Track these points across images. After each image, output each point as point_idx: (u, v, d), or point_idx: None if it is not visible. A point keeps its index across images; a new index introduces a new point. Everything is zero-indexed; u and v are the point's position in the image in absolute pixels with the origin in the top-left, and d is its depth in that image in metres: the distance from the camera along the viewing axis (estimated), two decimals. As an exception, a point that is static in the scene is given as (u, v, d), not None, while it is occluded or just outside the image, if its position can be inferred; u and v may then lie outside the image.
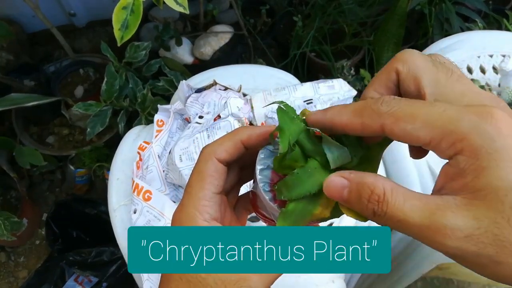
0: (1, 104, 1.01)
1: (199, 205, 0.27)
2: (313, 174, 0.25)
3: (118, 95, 1.09)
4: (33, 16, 1.38)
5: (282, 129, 0.26)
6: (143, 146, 0.65)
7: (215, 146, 0.28)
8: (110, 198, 0.65)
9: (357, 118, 0.23)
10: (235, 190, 0.32)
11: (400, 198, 0.21)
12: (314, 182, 0.25)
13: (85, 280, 1.14)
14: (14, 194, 1.28)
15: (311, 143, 0.26)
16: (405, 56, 0.25)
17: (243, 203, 0.33)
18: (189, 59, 1.37)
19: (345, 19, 1.35)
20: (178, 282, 0.26)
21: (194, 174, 0.28)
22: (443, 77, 0.24)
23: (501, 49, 0.86)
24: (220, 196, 0.28)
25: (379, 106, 0.22)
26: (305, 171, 0.25)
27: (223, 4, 1.50)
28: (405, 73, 0.25)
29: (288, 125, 0.26)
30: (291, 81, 0.80)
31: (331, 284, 0.55)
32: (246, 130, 0.28)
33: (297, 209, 0.25)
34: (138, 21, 0.73)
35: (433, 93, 0.24)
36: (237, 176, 0.31)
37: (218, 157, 0.27)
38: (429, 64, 0.25)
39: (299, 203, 0.25)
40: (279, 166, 0.26)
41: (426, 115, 0.21)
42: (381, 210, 0.21)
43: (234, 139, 0.28)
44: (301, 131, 0.26)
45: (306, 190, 0.25)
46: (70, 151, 1.30)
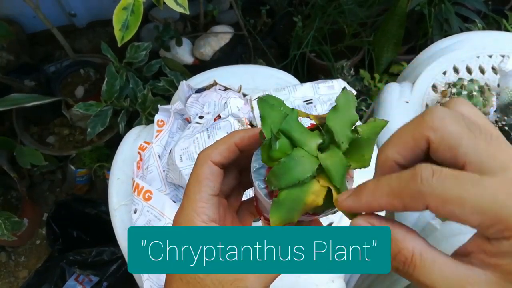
0: (2, 104, 1.02)
1: (196, 207, 0.27)
2: (301, 162, 0.26)
3: (119, 95, 1.10)
4: (33, 16, 1.38)
5: (263, 118, 0.26)
6: (144, 146, 0.66)
7: (210, 150, 0.29)
8: (111, 198, 0.65)
9: (397, 200, 0.22)
10: (236, 193, 0.33)
11: (429, 264, 0.21)
12: (303, 169, 0.25)
13: (85, 279, 1.14)
14: (15, 194, 1.28)
15: (298, 133, 0.27)
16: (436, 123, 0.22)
17: (247, 207, 0.33)
18: (189, 59, 1.38)
19: (345, 20, 1.36)
20: (179, 283, 0.26)
21: (191, 178, 0.29)
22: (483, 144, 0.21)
23: (500, 49, 0.86)
24: (218, 198, 0.29)
25: (420, 185, 0.21)
26: (292, 159, 0.26)
27: (223, 5, 1.50)
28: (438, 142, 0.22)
29: (269, 112, 0.26)
30: (291, 81, 0.80)
31: (331, 284, 0.55)
32: (239, 133, 0.29)
33: (288, 198, 0.26)
34: (138, 21, 0.73)
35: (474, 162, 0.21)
36: (235, 179, 0.32)
37: (213, 160, 0.28)
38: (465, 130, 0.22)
39: (290, 191, 0.26)
40: (268, 157, 0.26)
41: (475, 199, 0.20)
42: (406, 271, 0.21)
43: (228, 142, 0.29)
44: (284, 117, 0.26)
45: (294, 177, 0.25)
46: (71, 151, 1.30)
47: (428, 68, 0.83)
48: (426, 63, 0.86)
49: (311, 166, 0.25)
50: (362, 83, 1.36)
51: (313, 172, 0.25)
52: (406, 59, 1.36)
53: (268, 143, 0.26)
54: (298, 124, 0.27)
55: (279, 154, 0.26)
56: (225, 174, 0.30)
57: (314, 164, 0.26)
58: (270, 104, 0.27)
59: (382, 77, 1.39)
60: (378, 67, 1.37)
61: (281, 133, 0.26)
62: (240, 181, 0.32)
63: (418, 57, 0.92)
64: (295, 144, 0.26)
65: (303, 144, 0.26)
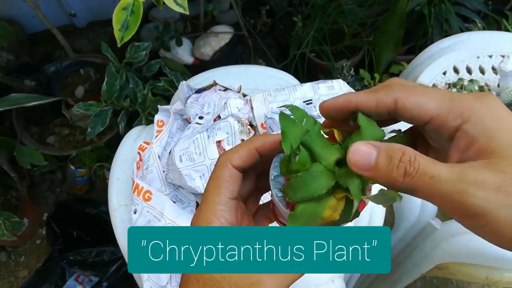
0: (2, 104, 1.02)
1: (215, 209, 0.28)
2: (318, 177, 0.26)
3: (119, 95, 1.10)
4: (33, 16, 1.39)
5: (284, 133, 0.26)
6: (143, 147, 0.66)
7: (231, 153, 0.29)
8: (111, 198, 0.65)
9: (372, 94, 0.26)
10: (254, 198, 0.33)
11: (430, 160, 0.22)
12: (320, 184, 0.25)
13: (85, 279, 1.14)
14: (15, 194, 1.28)
15: (319, 147, 0.27)
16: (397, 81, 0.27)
17: (264, 212, 0.34)
18: (189, 59, 1.38)
19: (345, 20, 1.36)
20: (195, 284, 0.26)
21: (211, 180, 0.29)
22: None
23: (500, 49, 0.86)
24: (236, 202, 0.29)
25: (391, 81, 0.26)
26: (309, 173, 0.26)
27: (223, 5, 1.50)
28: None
29: (290, 128, 0.26)
30: (291, 81, 0.80)
31: (331, 284, 0.55)
32: (261, 138, 0.29)
33: (305, 212, 0.26)
34: (138, 21, 0.73)
35: None
36: (253, 183, 0.32)
37: (233, 163, 0.29)
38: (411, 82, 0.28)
39: (307, 205, 0.26)
40: (286, 170, 0.27)
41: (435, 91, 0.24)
42: (413, 168, 0.22)
43: (249, 146, 0.29)
44: (304, 133, 0.27)
45: (310, 192, 0.25)
46: (71, 151, 1.30)
47: (428, 68, 0.83)
48: (426, 63, 0.86)
49: (328, 183, 0.25)
50: (362, 83, 1.36)
51: (329, 188, 0.25)
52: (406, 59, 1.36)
53: (287, 158, 0.26)
54: (319, 138, 0.27)
55: (298, 166, 0.26)
56: (244, 178, 0.30)
57: (331, 180, 0.25)
58: (292, 121, 0.27)
59: (382, 77, 1.39)
60: (378, 67, 1.37)
61: (301, 145, 0.26)
62: (257, 185, 0.33)
63: (418, 57, 0.92)
64: (315, 158, 0.26)
65: (322, 158, 0.26)
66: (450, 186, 0.21)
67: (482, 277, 0.64)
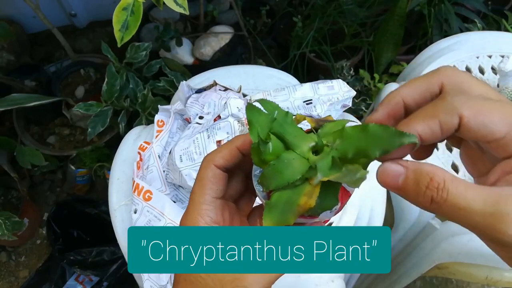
0: (2, 104, 1.02)
1: (200, 209, 0.28)
2: (291, 164, 0.26)
3: (119, 95, 1.10)
4: (33, 16, 1.39)
5: (250, 122, 0.27)
6: (144, 146, 0.66)
7: (214, 154, 0.30)
8: (111, 198, 0.65)
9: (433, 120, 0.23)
10: (247, 198, 0.33)
11: (461, 187, 0.21)
12: (292, 171, 0.26)
13: (86, 279, 1.14)
14: (15, 194, 1.29)
15: (292, 136, 0.27)
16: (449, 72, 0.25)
17: (259, 212, 0.34)
18: (190, 59, 1.38)
19: (344, 20, 1.36)
20: (183, 283, 0.27)
21: (196, 182, 0.30)
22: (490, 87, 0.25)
23: (500, 49, 0.86)
24: (223, 201, 0.30)
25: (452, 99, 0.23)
26: (281, 161, 0.26)
27: (223, 5, 1.50)
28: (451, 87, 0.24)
29: (256, 117, 0.27)
30: (290, 81, 0.80)
31: (331, 284, 0.55)
32: (241, 137, 0.30)
33: (280, 200, 0.26)
34: (138, 22, 0.73)
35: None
36: (242, 183, 0.32)
37: (215, 163, 0.29)
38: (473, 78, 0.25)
39: (282, 193, 0.26)
40: (259, 160, 0.27)
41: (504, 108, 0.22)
42: (440, 197, 0.21)
43: (230, 146, 0.30)
44: (271, 122, 0.27)
45: (284, 179, 0.25)
46: (71, 151, 1.30)
47: (428, 68, 0.83)
48: (426, 63, 0.86)
49: (301, 168, 0.26)
50: (362, 83, 1.36)
51: (303, 173, 0.25)
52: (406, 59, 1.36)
53: (256, 146, 0.26)
54: (292, 127, 0.28)
55: (271, 156, 0.26)
56: (231, 178, 0.31)
57: (304, 166, 0.26)
58: (258, 110, 0.27)
59: (381, 77, 1.39)
60: (378, 67, 1.37)
61: (274, 136, 0.27)
62: (250, 186, 0.33)
63: (418, 57, 0.92)
64: (288, 146, 0.27)
65: (295, 146, 0.27)
66: (480, 220, 0.20)
67: (482, 277, 0.64)
